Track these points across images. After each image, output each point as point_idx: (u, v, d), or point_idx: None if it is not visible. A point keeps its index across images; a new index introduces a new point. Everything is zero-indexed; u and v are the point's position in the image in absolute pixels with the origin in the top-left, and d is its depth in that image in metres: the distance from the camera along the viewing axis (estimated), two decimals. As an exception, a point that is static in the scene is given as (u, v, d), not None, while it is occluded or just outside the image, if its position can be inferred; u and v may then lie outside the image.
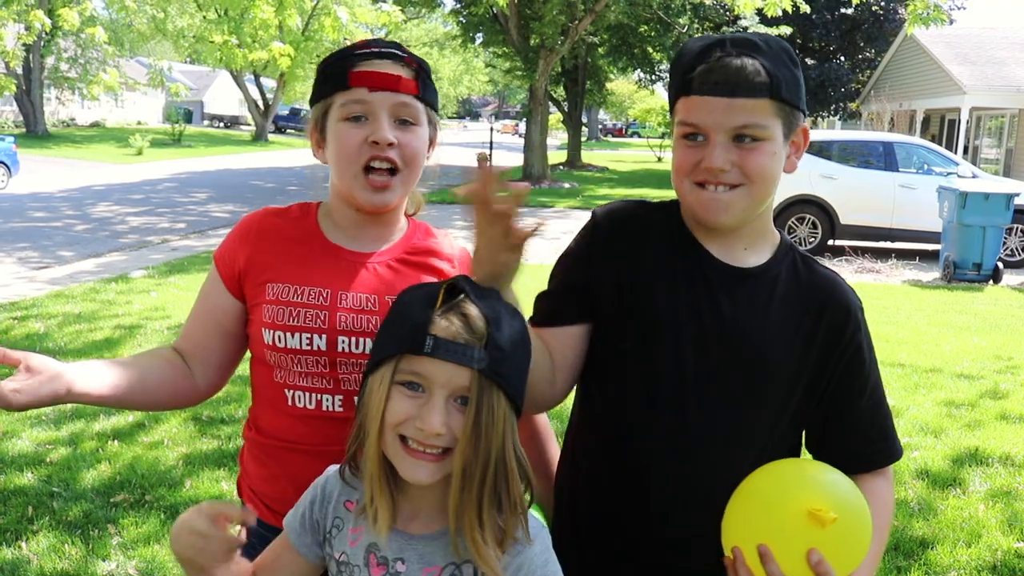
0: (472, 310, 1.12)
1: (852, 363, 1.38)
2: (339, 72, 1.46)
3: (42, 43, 32.17)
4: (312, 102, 1.54)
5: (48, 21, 8.85)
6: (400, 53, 1.48)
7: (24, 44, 15.33)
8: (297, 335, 1.43)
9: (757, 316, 1.34)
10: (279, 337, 1.44)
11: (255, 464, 1.56)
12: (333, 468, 1.27)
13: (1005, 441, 4.71)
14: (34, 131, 33.26)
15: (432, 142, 1.54)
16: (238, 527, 1.22)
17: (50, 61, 34.77)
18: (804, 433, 1.44)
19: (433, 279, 1.54)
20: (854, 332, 1.37)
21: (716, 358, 1.32)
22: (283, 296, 1.46)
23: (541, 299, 1.44)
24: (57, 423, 4.60)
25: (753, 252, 1.38)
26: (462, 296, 1.13)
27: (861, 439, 1.41)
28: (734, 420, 1.33)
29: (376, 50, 1.47)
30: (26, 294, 8.01)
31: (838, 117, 30.79)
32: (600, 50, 29.02)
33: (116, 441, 4.36)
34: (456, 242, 1.64)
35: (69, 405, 4.77)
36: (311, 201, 1.60)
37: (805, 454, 1.47)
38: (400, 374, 1.12)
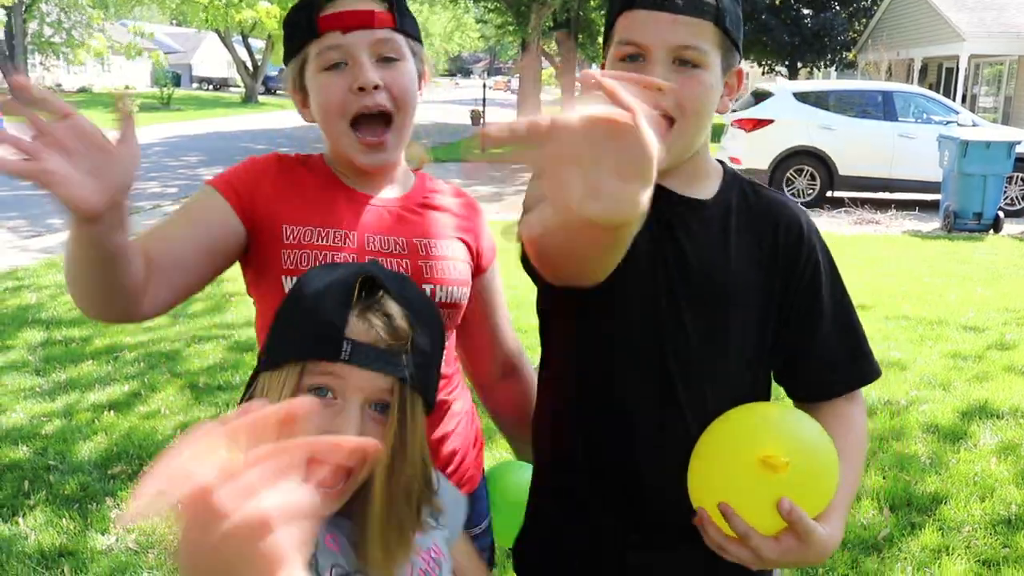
0: (395, 309, 0.97)
1: (811, 285, 1.33)
2: (306, 20, 1.35)
3: (23, 7, 31.61)
4: (285, 60, 1.42)
5: (26, -19, 8.59)
6: None
7: (3, 7, 15.02)
8: None
9: (715, 250, 1.29)
10: None
11: None
12: None
13: (1014, 393, 4.65)
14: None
15: (422, 75, 1.42)
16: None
17: (33, 26, 34.19)
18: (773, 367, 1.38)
19: (461, 226, 1.47)
20: (809, 252, 1.34)
21: (682, 297, 1.27)
22: (304, 239, 1.32)
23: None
24: (51, 395, 4.52)
25: (699, 187, 1.33)
26: (381, 292, 0.98)
27: (826, 365, 1.34)
28: (707, 360, 1.28)
29: None
30: (19, 264, 7.88)
31: (834, 67, 30.41)
32: (592, 3, 28.53)
33: (111, 412, 4.28)
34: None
35: (63, 375, 4.76)
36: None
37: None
38: (309, 376, 0.96)
